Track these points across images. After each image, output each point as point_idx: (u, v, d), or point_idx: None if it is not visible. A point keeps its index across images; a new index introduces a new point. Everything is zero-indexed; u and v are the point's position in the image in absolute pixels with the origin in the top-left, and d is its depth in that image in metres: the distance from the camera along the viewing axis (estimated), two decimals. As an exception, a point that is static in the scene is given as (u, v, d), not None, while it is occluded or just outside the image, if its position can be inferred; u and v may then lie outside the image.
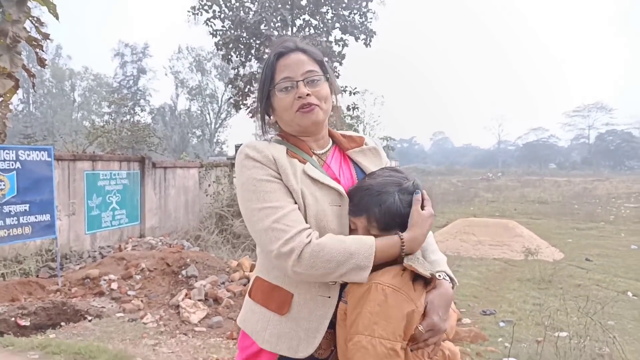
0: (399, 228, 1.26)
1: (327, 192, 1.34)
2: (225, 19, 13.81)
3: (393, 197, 1.26)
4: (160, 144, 15.10)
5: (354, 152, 1.50)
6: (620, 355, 3.61)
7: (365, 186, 1.32)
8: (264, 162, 1.33)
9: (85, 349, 3.82)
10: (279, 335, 1.34)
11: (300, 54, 1.40)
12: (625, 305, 6.27)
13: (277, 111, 1.41)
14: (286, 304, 1.34)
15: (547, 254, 9.77)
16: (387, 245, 1.23)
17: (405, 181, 1.31)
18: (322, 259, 1.20)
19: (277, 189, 1.30)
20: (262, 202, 1.28)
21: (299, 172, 1.34)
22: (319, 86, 1.38)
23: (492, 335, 4.98)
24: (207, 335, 4.59)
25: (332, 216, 1.32)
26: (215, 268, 6.15)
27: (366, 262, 1.19)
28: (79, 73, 45.95)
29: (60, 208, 7.71)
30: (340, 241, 1.23)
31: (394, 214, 1.26)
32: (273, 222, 1.25)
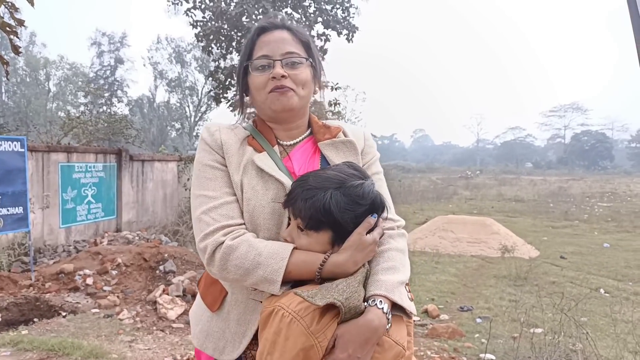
0: (330, 229, 1.09)
1: (271, 185, 1.20)
2: (205, 10, 13.60)
3: (324, 193, 1.07)
4: (138, 136, 14.81)
5: (324, 144, 1.32)
6: (592, 351, 3.69)
7: (303, 178, 1.15)
8: (212, 147, 1.25)
9: (59, 345, 3.74)
10: (208, 332, 1.27)
11: (284, 32, 1.28)
12: (598, 302, 6.43)
13: (251, 91, 1.31)
14: (218, 301, 1.26)
15: (523, 252, 9.96)
16: (304, 262, 1.08)
17: (353, 181, 1.11)
18: (231, 263, 1.11)
19: (218, 177, 1.22)
20: (200, 188, 1.21)
21: (246, 160, 1.23)
22: (298, 69, 1.25)
23: (469, 332, 5.05)
24: (184, 331, 4.53)
25: (270, 214, 1.19)
26: (194, 263, 6.08)
27: (274, 275, 1.07)
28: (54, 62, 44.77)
29: (34, 201, 7.51)
30: (253, 247, 1.11)
31: (318, 210, 1.07)
32: (202, 212, 1.18)
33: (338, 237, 1.10)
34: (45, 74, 44.47)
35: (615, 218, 16.28)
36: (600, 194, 25.74)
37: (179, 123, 45.99)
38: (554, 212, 17.95)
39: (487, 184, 33.49)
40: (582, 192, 26.78)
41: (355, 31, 14.29)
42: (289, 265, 1.08)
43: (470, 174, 44.40)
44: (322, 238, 1.10)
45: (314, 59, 1.32)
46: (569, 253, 10.12)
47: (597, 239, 12.18)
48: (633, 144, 74.87)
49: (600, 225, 14.89)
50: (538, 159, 78.07)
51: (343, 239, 1.10)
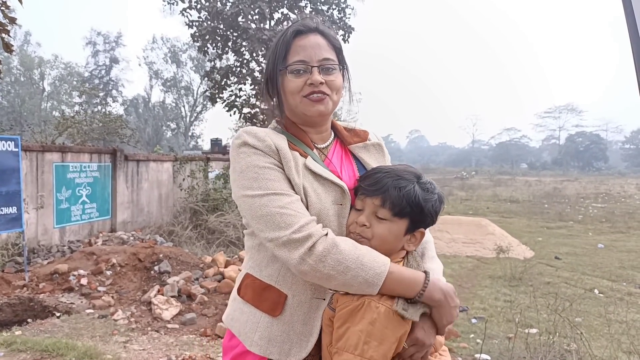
0: (409, 219, 1.20)
1: (330, 189, 1.24)
2: (201, 10, 13.60)
3: (412, 184, 1.20)
4: (133, 136, 14.77)
5: (356, 147, 1.39)
6: (586, 351, 3.71)
7: (385, 169, 1.26)
8: (265, 151, 1.22)
9: (53, 346, 3.71)
10: (269, 338, 1.25)
11: (319, 36, 1.29)
12: (592, 302, 6.46)
13: (284, 94, 1.30)
14: (279, 305, 1.25)
15: (518, 252, 9.99)
16: (406, 272, 1.14)
17: (425, 179, 1.25)
18: (333, 257, 1.10)
19: (281, 178, 1.20)
20: (265, 189, 1.18)
21: (301, 166, 1.25)
22: (333, 75, 1.28)
23: (465, 332, 5.06)
24: (180, 332, 4.51)
25: (334, 216, 1.23)
26: (189, 264, 6.06)
27: (375, 278, 1.09)
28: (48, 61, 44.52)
29: (28, 201, 7.46)
30: (356, 247, 1.14)
31: (410, 200, 1.18)
32: (280, 207, 1.15)
33: (412, 227, 1.21)
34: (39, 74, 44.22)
35: (610, 219, 16.37)
36: (594, 195, 25.87)
37: (174, 123, 45.87)
38: (548, 213, 18.03)
39: (483, 185, 33.61)
40: (576, 193, 26.92)
41: (352, 32, 14.32)
42: (392, 269, 1.11)
43: (466, 175, 44.54)
44: (401, 225, 1.20)
45: (344, 65, 1.35)
46: (564, 254, 10.16)
47: (592, 240, 12.24)
48: (627, 145, 75.43)
49: (594, 226, 14.97)
50: (533, 159, 78.47)
51: (414, 228, 1.22)
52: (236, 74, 14.13)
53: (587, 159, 69.75)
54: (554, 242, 11.87)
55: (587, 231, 13.97)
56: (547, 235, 13.10)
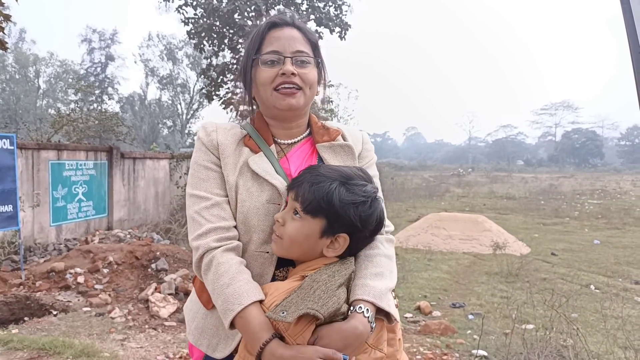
0: (324, 219, 1.10)
1: (266, 188, 1.21)
2: (197, 7, 13.55)
3: (332, 182, 1.11)
4: (129, 133, 14.71)
5: (322, 146, 1.32)
6: (583, 346, 3.73)
7: (316, 167, 1.19)
8: (207, 147, 1.26)
9: (50, 344, 3.71)
10: (202, 329, 1.28)
11: (294, 30, 1.28)
12: (588, 298, 6.49)
13: (256, 85, 1.29)
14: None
15: (515, 249, 10.02)
16: (251, 327, 1.03)
17: (358, 181, 1.14)
18: (210, 274, 1.14)
19: (211, 178, 1.23)
20: (194, 188, 1.24)
21: (241, 163, 1.24)
22: (307, 69, 1.26)
23: (461, 328, 5.08)
24: (177, 329, 4.51)
25: (265, 215, 1.20)
26: (186, 261, 6.06)
27: (225, 314, 1.08)
28: (43, 59, 44.27)
29: (24, 199, 7.44)
30: (229, 274, 1.11)
31: (321, 197, 1.09)
32: (195, 212, 1.20)
33: (329, 229, 1.11)
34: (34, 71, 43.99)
35: (605, 215, 16.43)
36: (590, 192, 25.96)
37: (170, 120, 45.74)
38: (545, 210, 18.08)
39: (479, 182, 33.67)
40: (572, 190, 27.00)
41: (348, 29, 14.29)
42: (242, 314, 1.05)
43: (463, 172, 44.62)
44: (314, 225, 1.11)
45: (320, 60, 1.33)
46: (560, 250, 10.20)
47: (588, 236, 12.29)
48: (623, 142, 75.69)
49: (590, 222, 15.02)
50: (529, 156, 78.68)
51: (333, 232, 1.11)
52: (232, 71, 14.09)
53: (583, 156, 69.99)
54: (550, 238, 11.91)
55: (583, 227, 14.02)
56: (544, 231, 13.14)
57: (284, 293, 1.05)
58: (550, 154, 76.68)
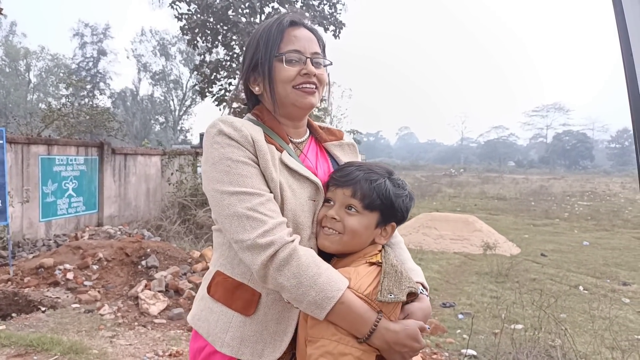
0: (379, 212, 1.20)
1: (305, 185, 1.23)
2: (191, 3, 13.47)
3: (384, 178, 1.22)
4: (121, 129, 14.58)
5: (332, 144, 1.40)
6: (571, 346, 3.76)
7: (357, 163, 1.27)
8: (241, 142, 1.17)
9: (38, 340, 3.67)
10: (242, 338, 1.20)
11: (308, 31, 1.30)
12: (577, 299, 6.55)
13: (274, 82, 1.25)
14: (253, 304, 1.20)
15: (505, 249, 10.09)
16: (357, 309, 1.06)
17: (396, 176, 1.27)
18: (290, 268, 1.08)
19: (255, 174, 1.16)
20: (236, 185, 1.13)
21: (277, 160, 1.22)
22: (321, 69, 1.29)
23: (451, 327, 5.11)
24: (167, 327, 4.49)
25: (309, 212, 1.21)
26: (176, 259, 6.03)
27: (324, 302, 1.05)
28: (34, 52, 43.84)
29: (13, 194, 7.36)
30: (316, 264, 1.09)
31: (381, 193, 1.19)
32: (248, 209, 1.11)
33: (382, 220, 1.22)
34: (25, 65, 43.56)
35: (595, 217, 16.59)
36: (580, 193, 26.19)
37: (162, 117, 45.51)
38: (535, 211, 18.22)
39: (471, 182, 33.85)
40: (562, 191, 27.23)
41: (342, 27, 14.29)
42: (343, 300, 1.05)
43: (454, 172, 44.83)
44: (371, 219, 1.20)
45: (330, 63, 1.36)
46: (550, 251, 10.28)
47: (577, 237, 12.40)
48: (613, 144, 76.41)
49: (580, 224, 15.16)
50: (520, 157, 79.19)
51: (385, 222, 1.23)
52: (226, 68, 14.04)
53: (573, 158, 70.59)
54: (540, 239, 12.00)
55: (572, 229, 14.15)
56: (534, 232, 13.25)
57: (365, 277, 1.12)
58: (541, 155, 77.27)
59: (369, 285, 1.09)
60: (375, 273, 1.12)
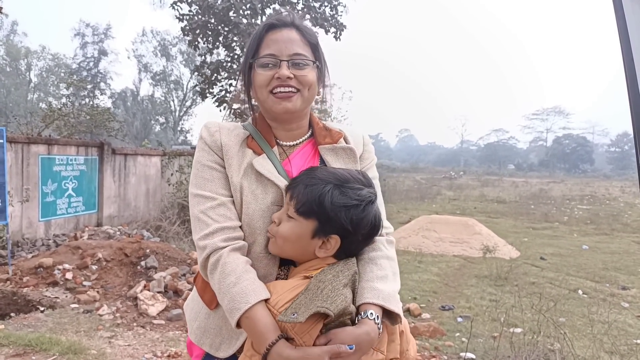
0: (316, 221, 1.11)
1: (271, 189, 1.21)
2: (192, 3, 13.48)
3: (324, 185, 1.12)
4: (121, 129, 14.59)
5: (324, 148, 1.31)
6: (569, 351, 3.76)
7: (314, 169, 1.20)
8: (211, 147, 1.25)
9: (37, 340, 3.67)
10: (205, 329, 1.28)
11: (293, 31, 1.26)
12: (576, 302, 6.55)
13: (254, 88, 1.29)
14: (216, 299, 1.22)
15: (504, 252, 10.08)
16: (258, 326, 1.03)
17: (354, 184, 1.14)
18: (216, 275, 1.13)
19: (216, 178, 1.23)
20: (198, 188, 1.22)
21: (246, 163, 1.24)
22: (304, 70, 1.24)
23: (450, 330, 5.10)
24: (166, 328, 4.48)
25: (270, 217, 1.20)
26: (176, 259, 6.03)
27: (232, 313, 1.07)
28: (35, 52, 43.85)
29: (13, 193, 7.35)
30: (236, 273, 1.10)
31: (314, 199, 1.10)
32: (200, 212, 1.19)
33: (320, 230, 1.12)
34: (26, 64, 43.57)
35: (594, 220, 16.58)
36: (580, 197, 26.19)
37: (163, 117, 45.49)
38: (534, 214, 18.21)
39: (470, 185, 33.85)
40: (562, 195, 27.22)
41: (343, 29, 14.29)
42: (248, 314, 1.04)
43: (454, 175, 44.83)
44: (306, 226, 1.12)
45: (320, 61, 1.31)
46: (549, 254, 10.28)
47: (576, 241, 12.39)
48: (612, 148, 76.43)
49: (579, 228, 15.16)
50: (520, 161, 79.19)
51: (325, 233, 1.12)
52: (227, 69, 14.05)
53: (573, 161, 70.58)
54: (539, 242, 12.00)
55: (572, 232, 14.14)
56: (533, 235, 13.24)
57: (288, 291, 1.06)
58: (541, 158, 77.23)
59: (288, 302, 1.03)
60: (301, 288, 1.05)
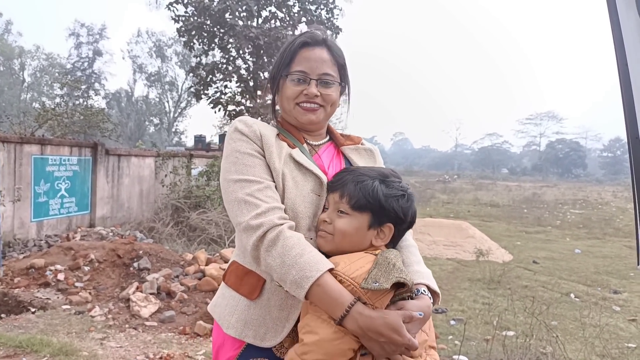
0: (370, 213, 1.22)
1: (309, 178, 1.30)
2: (188, 5, 13.49)
3: (372, 180, 1.24)
4: (115, 130, 14.55)
5: (348, 148, 1.47)
6: (562, 354, 3.78)
7: (353, 169, 1.34)
8: (250, 137, 1.30)
9: (28, 342, 3.64)
10: (246, 321, 1.27)
11: (324, 51, 1.37)
12: (568, 306, 6.58)
13: (281, 97, 1.40)
14: (257, 289, 1.28)
15: (497, 256, 10.13)
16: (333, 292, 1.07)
17: (394, 178, 1.28)
18: (277, 249, 1.14)
19: (258, 164, 1.27)
20: (240, 174, 1.25)
21: (285, 154, 1.32)
22: (330, 89, 1.36)
23: (443, 333, 5.11)
24: (158, 329, 4.46)
25: (310, 204, 1.28)
26: (169, 261, 6.00)
27: (303, 281, 1.09)
28: (29, 51, 43.60)
29: (5, 193, 7.30)
30: (300, 245, 1.14)
31: (367, 193, 1.21)
32: (247, 194, 1.22)
33: (375, 221, 1.22)
34: (20, 64, 43.31)
35: (587, 225, 16.69)
36: (572, 201, 26.35)
37: (157, 118, 45.31)
38: (527, 218, 18.30)
39: (464, 189, 33.96)
40: (555, 199, 27.38)
41: (339, 32, 14.34)
42: (320, 282, 1.08)
43: (448, 178, 44.96)
44: (363, 220, 1.22)
45: (346, 82, 1.43)
46: (542, 258, 10.33)
47: (569, 245, 12.47)
48: (605, 153, 76.94)
49: (572, 232, 15.24)
50: (514, 165, 79.55)
51: (379, 223, 1.23)
52: (222, 71, 14.04)
53: (566, 166, 71.00)
54: (532, 246, 12.05)
55: (564, 236, 14.22)
56: (526, 239, 13.30)
57: (356, 261, 1.14)
58: (534, 163, 77.63)
59: (357, 270, 1.10)
60: (367, 260, 1.14)
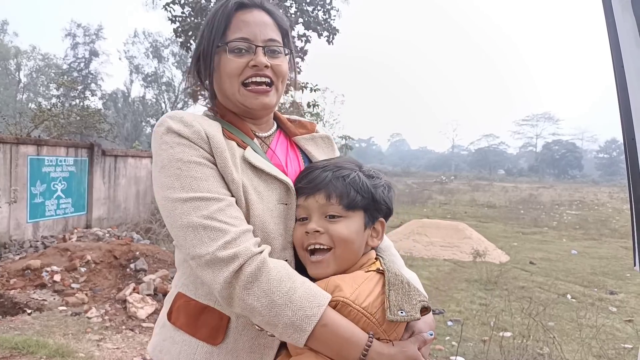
0: (363, 210, 1.04)
1: (274, 186, 1.05)
2: (185, 5, 13.45)
3: (355, 172, 1.05)
4: (112, 131, 14.49)
5: (302, 138, 1.21)
6: (559, 355, 3.79)
7: (321, 164, 1.10)
8: (192, 140, 1.00)
9: (23, 343, 3.62)
10: None
11: (264, 13, 1.11)
12: (565, 307, 6.59)
13: (220, 76, 1.09)
14: (220, 331, 1.01)
15: (494, 257, 10.14)
16: (343, 331, 0.88)
17: (369, 168, 1.11)
18: (260, 285, 0.89)
19: (211, 176, 0.99)
20: (189, 190, 0.96)
21: (238, 158, 1.04)
22: (279, 59, 1.10)
23: (440, 334, 5.11)
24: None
25: (279, 218, 1.04)
26: (166, 262, 5.99)
27: (304, 323, 0.87)
28: (25, 52, 43.48)
29: (0, 194, 7.27)
30: (291, 278, 0.92)
31: (359, 188, 1.02)
32: (205, 217, 0.93)
33: (369, 219, 1.06)
34: (16, 64, 43.18)
35: (583, 226, 16.74)
36: (569, 202, 26.43)
37: (154, 119, 45.18)
38: (524, 219, 18.34)
39: (461, 190, 34.05)
40: (551, 200, 27.45)
41: (336, 33, 14.33)
42: (325, 319, 0.88)
43: (445, 179, 45.07)
44: (359, 219, 1.04)
45: (291, 50, 1.17)
46: (538, 259, 10.35)
47: (565, 246, 12.50)
48: (601, 154, 77.28)
49: (568, 233, 15.28)
50: (510, 166, 79.84)
51: (372, 220, 1.06)
52: (219, 72, 14.00)
53: (562, 167, 71.30)
54: (529, 247, 12.08)
55: (561, 237, 14.26)
56: (523, 240, 13.33)
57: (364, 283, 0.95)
58: (530, 164, 77.92)
59: (368, 297, 0.92)
60: (373, 282, 0.96)
